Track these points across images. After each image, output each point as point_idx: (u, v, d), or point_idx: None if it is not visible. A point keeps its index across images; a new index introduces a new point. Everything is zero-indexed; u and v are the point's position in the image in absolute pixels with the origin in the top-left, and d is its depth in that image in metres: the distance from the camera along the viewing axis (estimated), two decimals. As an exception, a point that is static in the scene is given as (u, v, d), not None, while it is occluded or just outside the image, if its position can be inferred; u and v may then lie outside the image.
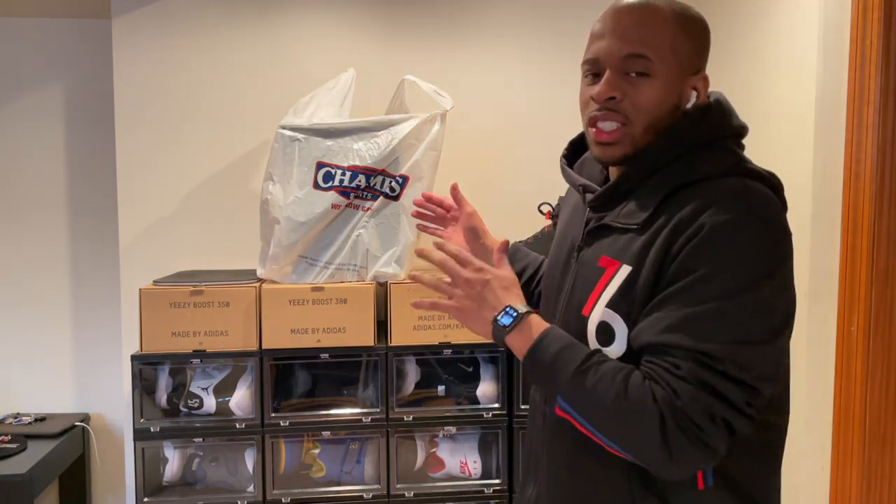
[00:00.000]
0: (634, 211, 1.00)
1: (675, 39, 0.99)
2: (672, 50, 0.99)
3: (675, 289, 0.91)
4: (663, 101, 1.00)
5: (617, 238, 1.00)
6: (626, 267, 0.96)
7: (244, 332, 2.05)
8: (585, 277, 1.03)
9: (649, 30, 0.99)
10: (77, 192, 2.72)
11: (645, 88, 0.99)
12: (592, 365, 0.93)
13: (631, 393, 0.89)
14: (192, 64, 2.43)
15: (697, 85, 1.02)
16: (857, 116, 1.67)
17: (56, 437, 2.49)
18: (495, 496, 2.14)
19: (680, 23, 1.01)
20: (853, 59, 1.69)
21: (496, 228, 2.51)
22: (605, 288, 0.98)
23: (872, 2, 1.64)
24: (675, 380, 0.87)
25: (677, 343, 0.88)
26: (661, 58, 0.98)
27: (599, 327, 0.98)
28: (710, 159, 0.98)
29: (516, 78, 2.53)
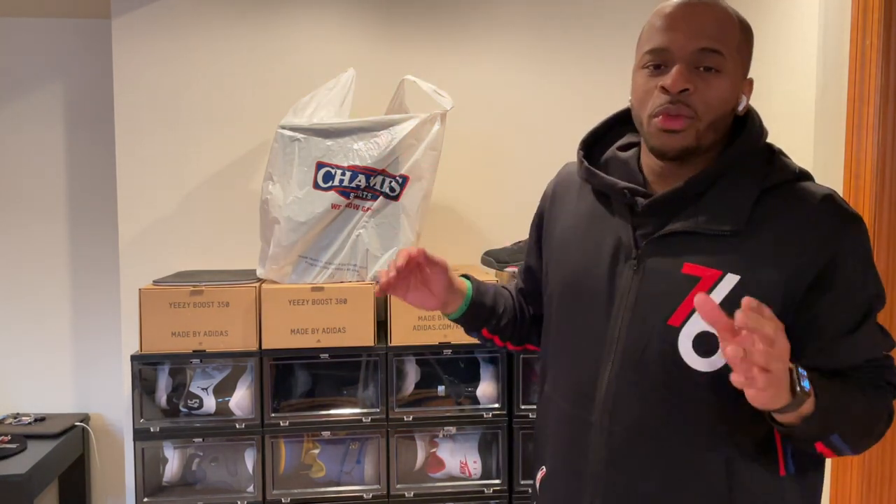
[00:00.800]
0: (722, 216, 0.98)
1: (739, 41, 1.00)
2: (738, 51, 1.00)
3: (866, 307, 0.99)
4: (729, 100, 0.99)
5: (703, 245, 0.98)
6: (733, 276, 0.95)
7: (244, 332, 2.05)
8: (663, 287, 0.99)
9: (722, 28, 0.98)
10: (77, 192, 2.72)
11: (715, 84, 0.97)
12: (862, 400, 0.97)
13: (875, 402, 0.99)
14: (192, 64, 2.43)
15: (746, 90, 1.04)
16: (857, 116, 1.67)
17: (56, 438, 2.49)
18: (495, 496, 2.14)
19: (743, 26, 1.02)
20: (853, 59, 1.69)
21: (496, 228, 2.53)
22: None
23: (872, 2, 1.64)
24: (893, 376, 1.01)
25: (884, 352, 1.01)
26: (731, 57, 0.98)
27: (700, 337, 0.96)
28: (781, 164, 1.02)
29: (516, 78, 2.53)
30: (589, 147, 1.19)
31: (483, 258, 2.23)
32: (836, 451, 0.96)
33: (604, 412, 1.02)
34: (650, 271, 1.01)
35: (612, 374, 1.02)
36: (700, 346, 0.96)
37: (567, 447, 1.09)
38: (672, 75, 0.97)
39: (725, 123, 1.01)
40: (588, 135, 1.20)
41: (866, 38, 1.65)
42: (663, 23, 1.00)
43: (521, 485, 2.13)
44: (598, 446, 1.03)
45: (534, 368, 2.20)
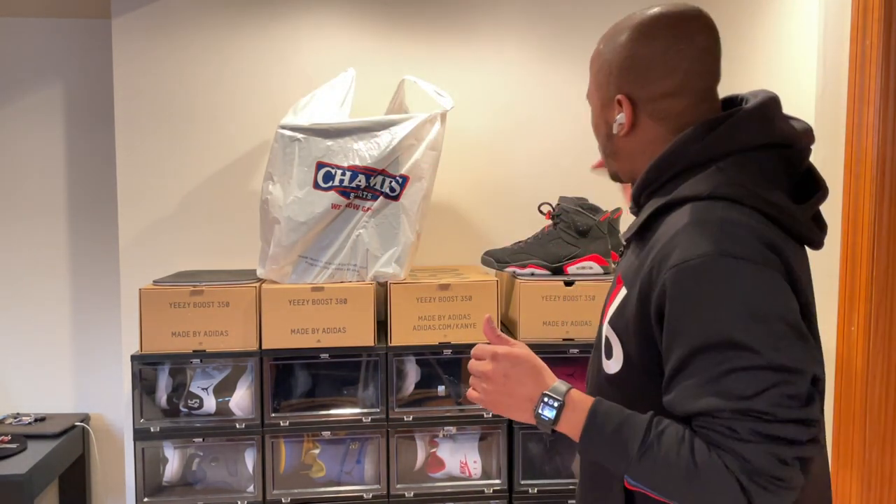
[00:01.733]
0: (630, 227, 1.06)
1: (597, 71, 1.08)
2: (595, 84, 1.09)
3: (682, 354, 0.89)
4: (597, 130, 1.11)
5: (628, 255, 1.06)
6: (623, 290, 1.01)
7: (244, 332, 2.05)
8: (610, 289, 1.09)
9: (590, 67, 1.11)
10: (77, 192, 2.72)
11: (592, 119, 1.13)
12: (652, 442, 0.89)
13: (702, 467, 0.87)
14: (192, 64, 2.43)
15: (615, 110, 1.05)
16: (857, 116, 1.67)
17: (56, 438, 2.49)
18: (495, 496, 2.14)
19: (600, 48, 1.08)
20: (853, 59, 1.69)
21: (496, 228, 2.53)
22: (612, 305, 1.04)
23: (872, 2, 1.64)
24: (738, 444, 0.85)
25: (718, 406, 0.86)
26: (590, 93, 1.11)
27: (605, 341, 1.04)
28: (696, 180, 0.96)
29: (516, 78, 2.53)
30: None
31: (483, 258, 2.23)
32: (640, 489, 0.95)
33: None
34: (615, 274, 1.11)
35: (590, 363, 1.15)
36: (606, 349, 1.04)
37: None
38: None
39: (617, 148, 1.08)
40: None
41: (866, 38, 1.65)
42: None
43: (521, 485, 2.13)
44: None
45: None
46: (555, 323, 2.10)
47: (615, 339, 1.00)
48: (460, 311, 2.09)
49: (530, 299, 2.11)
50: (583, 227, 2.13)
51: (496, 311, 2.11)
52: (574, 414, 0.95)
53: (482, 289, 2.10)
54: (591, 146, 2.50)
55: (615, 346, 1.00)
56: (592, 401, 0.96)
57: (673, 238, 0.92)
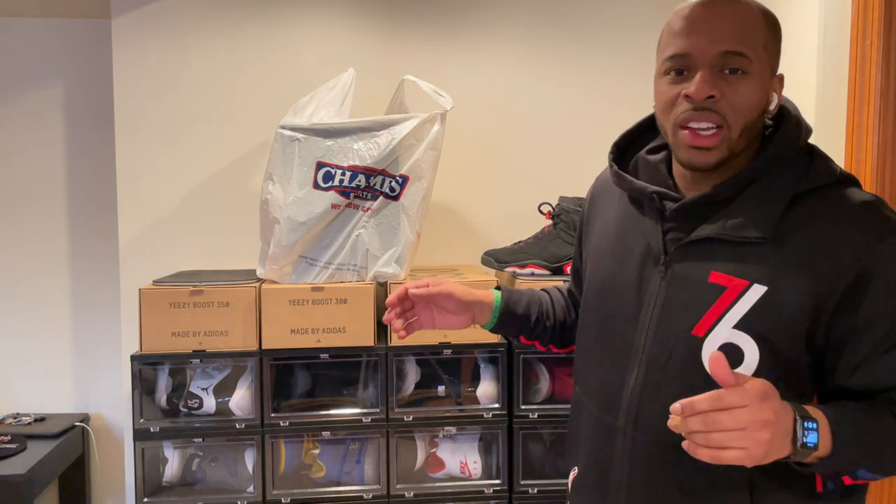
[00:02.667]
0: (750, 222, 0.95)
1: (766, 38, 0.96)
2: (765, 49, 0.96)
3: (890, 330, 0.92)
4: (759, 102, 0.96)
5: (731, 252, 0.95)
6: (759, 286, 0.93)
7: (244, 332, 2.05)
8: (689, 295, 0.98)
9: (745, 27, 0.94)
10: (77, 192, 2.72)
11: (742, 88, 0.93)
12: (886, 430, 0.91)
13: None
14: (192, 64, 2.43)
15: (776, 87, 1.00)
16: (857, 116, 1.67)
17: (56, 438, 2.49)
18: (495, 496, 2.14)
19: (768, 21, 0.98)
20: (853, 59, 1.69)
21: (496, 228, 2.53)
22: (728, 308, 0.94)
23: (872, 2, 1.64)
24: None
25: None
26: (757, 56, 0.94)
27: (723, 349, 0.93)
28: (819, 166, 0.97)
29: (516, 78, 2.53)
30: (621, 150, 1.14)
31: (483, 258, 2.23)
32: (864, 480, 0.94)
33: (628, 419, 1.02)
34: (677, 278, 0.99)
35: (637, 381, 1.01)
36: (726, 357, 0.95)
37: (596, 451, 1.08)
38: (696, 82, 0.93)
39: (757, 126, 0.98)
40: (620, 138, 1.15)
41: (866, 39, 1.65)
42: (682, 26, 0.96)
43: (521, 485, 2.13)
44: (623, 453, 1.03)
45: (533, 369, 2.20)
46: (555, 323, 2.10)
47: (749, 342, 0.93)
48: (460, 311, 2.09)
49: (530, 299, 2.10)
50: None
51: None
52: (822, 426, 0.87)
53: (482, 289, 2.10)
54: (591, 146, 2.51)
55: (748, 351, 0.93)
56: (815, 408, 0.89)
57: (852, 222, 0.92)
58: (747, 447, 0.80)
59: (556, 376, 2.18)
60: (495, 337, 2.10)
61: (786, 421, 0.84)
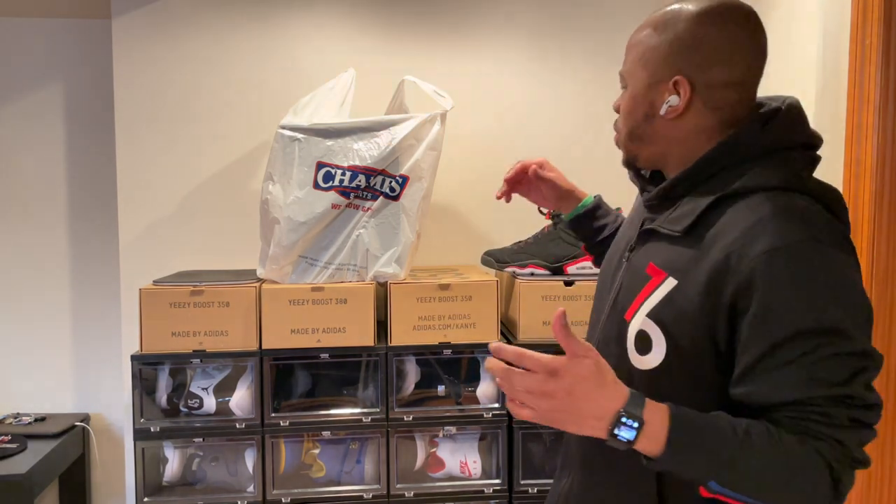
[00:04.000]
0: (679, 217, 1.01)
1: (645, 48, 1.05)
2: (640, 60, 1.06)
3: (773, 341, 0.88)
4: (631, 112, 1.08)
5: (665, 246, 1.01)
6: (672, 280, 0.97)
7: (244, 332, 2.05)
8: (632, 281, 1.05)
9: (630, 47, 1.09)
10: (77, 192, 2.72)
11: (623, 100, 1.10)
12: (741, 445, 0.87)
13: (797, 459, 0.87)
14: (192, 64, 2.43)
15: (674, 90, 1.01)
16: (857, 116, 1.67)
17: (56, 438, 2.49)
18: (495, 496, 2.14)
19: (654, 27, 1.04)
20: (853, 59, 1.69)
21: (496, 228, 2.53)
22: (648, 296, 1.00)
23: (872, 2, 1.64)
24: (837, 430, 0.88)
25: (813, 394, 0.87)
26: (629, 71, 1.08)
27: (638, 335, 0.99)
28: (762, 171, 0.97)
29: (516, 78, 2.53)
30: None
31: (483, 258, 2.23)
32: (725, 497, 0.90)
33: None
34: (631, 265, 1.07)
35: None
36: (637, 344, 1.00)
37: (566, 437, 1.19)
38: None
39: (650, 132, 1.06)
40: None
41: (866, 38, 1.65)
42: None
43: (521, 485, 2.13)
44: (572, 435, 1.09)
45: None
46: (555, 323, 2.10)
47: (657, 331, 0.97)
48: (460, 311, 2.09)
49: (530, 299, 2.11)
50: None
51: (496, 311, 2.11)
52: (653, 426, 0.88)
53: (482, 289, 2.10)
54: (590, 146, 2.51)
55: (655, 339, 0.97)
56: (667, 408, 0.90)
57: (754, 226, 0.91)
58: (534, 409, 0.89)
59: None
60: (495, 337, 2.10)
61: (604, 406, 0.88)
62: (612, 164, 2.51)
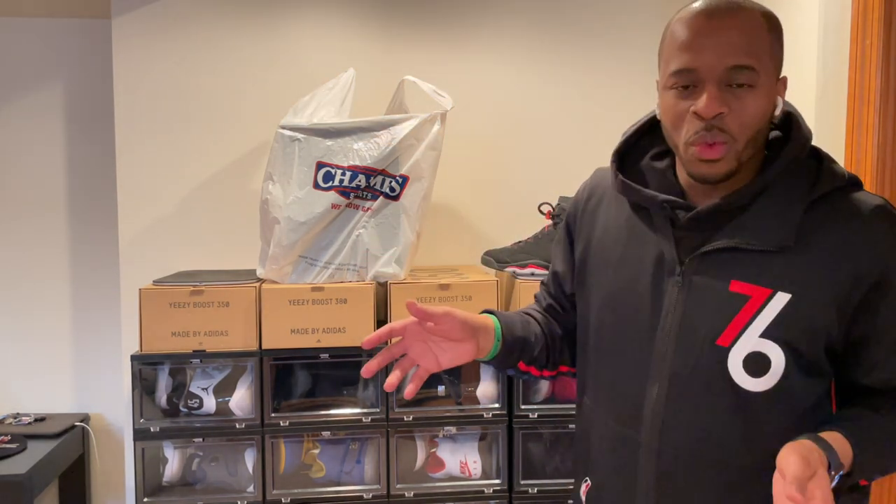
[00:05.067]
0: (768, 230, 0.95)
1: (770, 45, 0.95)
2: (770, 56, 0.95)
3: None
4: (766, 113, 0.96)
5: (751, 261, 0.95)
6: (784, 294, 0.93)
7: (244, 332, 2.05)
8: (711, 305, 0.97)
9: (751, 38, 0.93)
10: (77, 192, 2.72)
11: (750, 102, 0.93)
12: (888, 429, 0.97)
13: None
14: (192, 64, 2.43)
15: (780, 90, 0.99)
16: (857, 116, 1.67)
17: (56, 437, 2.49)
18: (495, 496, 2.14)
19: (772, 26, 0.96)
20: (853, 59, 1.69)
21: (495, 228, 2.53)
22: (754, 316, 0.94)
23: (872, 2, 1.64)
24: None
25: None
26: (764, 67, 0.94)
27: (750, 358, 0.94)
28: (829, 170, 0.99)
29: (516, 78, 2.53)
30: (621, 157, 1.11)
31: (483, 258, 2.23)
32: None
33: (653, 432, 1.00)
34: (696, 289, 0.98)
35: (661, 394, 1.00)
36: (750, 367, 0.95)
37: (616, 465, 1.06)
38: (704, 101, 0.92)
39: (764, 134, 0.98)
40: (621, 144, 1.12)
41: (866, 38, 1.65)
42: (687, 38, 0.94)
43: (521, 485, 2.13)
44: (648, 466, 1.01)
45: (534, 368, 2.19)
46: (555, 323, 2.10)
47: (776, 351, 0.94)
48: (460, 311, 2.09)
49: (530, 299, 2.10)
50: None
51: (496, 311, 2.11)
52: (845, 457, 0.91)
53: (482, 289, 2.10)
54: (590, 146, 2.50)
55: (774, 360, 0.94)
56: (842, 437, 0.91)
57: (868, 224, 0.95)
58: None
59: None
60: (495, 337, 2.10)
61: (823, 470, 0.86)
62: (612, 164, 2.51)
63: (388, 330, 1.08)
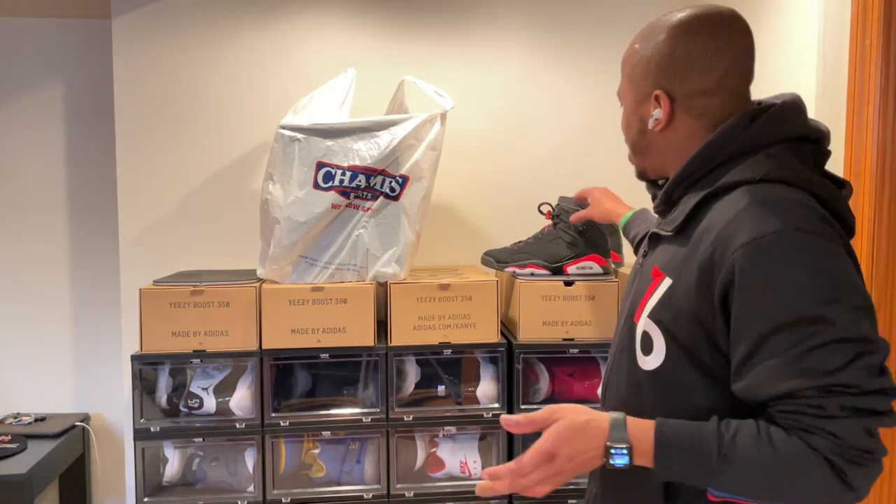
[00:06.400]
0: (673, 218, 1.05)
1: (631, 68, 1.11)
2: (629, 81, 1.12)
3: (758, 334, 0.89)
4: (628, 127, 1.15)
5: (665, 248, 1.06)
6: (668, 280, 1.01)
7: (244, 332, 2.05)
8: (641, 285, 1.09)
9: (622, 65, 1.16)
10: (77, 192, 2.72)
11: (623, 117, 1.17)
12: (729, 446, 0.89)
13: (786, 455, 0.87)
14: (192, 64, 2.43)
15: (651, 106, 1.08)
16: (857, 116, 1.67)
17: (56, 437, 2.49)
18: (495, 496, 2.13)
19: (637, 45, 1.10)
20: (853, 59, 1.69)
21: (495, 228, 2.53)
22: (650, 297, 1.03)
23: (872, 2, 1.64)
24: (828, 422, 0.86)
25: (803, 386, 0.87)
26: (623, 91, 1.16)
27: (643, 336, 1.03)
28: (745, 166, 0.98)
29: (516, 78, 2.53)
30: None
31: (483, 258, 2.23)
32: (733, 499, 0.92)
33: (603, 394, 1.17)
34: (643, 271, 1.11)
35: (610, 363, 1.16)
36: (643, 345, 1.03)
37: None
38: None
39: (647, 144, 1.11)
40: None
41: (866, 38, 1.65)
42: None
43: (521, 485, 2.13)
44: None
45: (533, 368, 2.20)
46: (555, 323, 2.10)
47: (657, 332, 1.00)
48: (460, 311, 2.09)
49: (530, 299, 2.11)
50: (582, 227, 2.13)
51: (496, 312, 2.11)
52: (642, 446, 0.93)
53: (482, 289, 2.10)
54: (590, 146, 2.51)
55: (656, 341, 1.00)
56: (653, 426, 0.94)
57: (734, 219, 0.93)
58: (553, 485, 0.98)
59: (555, 376, 2.18)
60: (495, 337, 2.10)
61: (594, 446, 0.95)
62: (612, 163, 2.52)
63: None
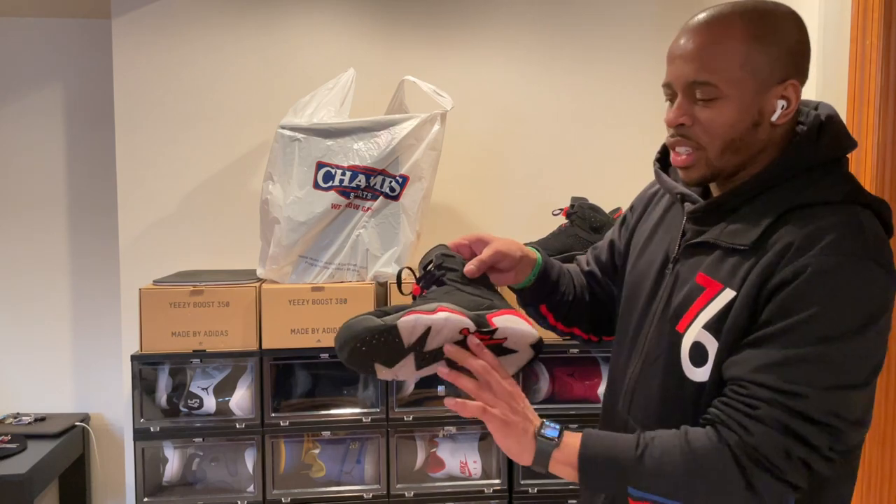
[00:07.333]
0: (742, 230, 0.97)
1: (747, 56, 0.95)
2: (743, 68, 0.95)
3: (776, 328, 0.89)
4: (737, 122, 0.97)
5: (720, 257, 0.98)
6: (730, 291, 0.95)
7: (244, 332, 2.05)
8: (682, 292, 1.01)
9: (716, 53, 0.96)
10: (77, 192, 2.72)
11: (714, 113, 0.97)
12: (646, 445, 0.94)
13: (697, 448, 0.91)
14: (192, 64, 2.43)
15: (786, 94, 0.97)
16: (857, 116, 1.67)
17: (56, 437, 2.49)
18: (495, 496, 2.14)
19: (754, 34, 0.96)
20: (853, 59, 1.69)
21: (495, 228, 2.53)
22: (703, 308, 0.98)
23: (872, 2, 1.64)
24: (747, 419, 0.89)
25: (763, 382, 0.88)
26: (730, 80, 0.96)
27: (694, 346, 0.98)
28: (826, 183, 0.96)
29: (516, 78, 2.53)
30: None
31: (483, 258, 2.22)
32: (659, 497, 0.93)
33: (624, 405, 1.10)
34: (679, 278, 1.04)
35: (634, 373, 1.09)
36: (693, 355, 0.98)
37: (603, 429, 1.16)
38: (669, 111, 1.01)
39: (752, 141, 0.98)
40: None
41: (866, 38, 1.65)
42: (668, 54, 1.02)
43: (521, 485, 2.13)
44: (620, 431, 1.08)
45: (533, 368, 2.20)
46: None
47: (714, 343, 0.96)
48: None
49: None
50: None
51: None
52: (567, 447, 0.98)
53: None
54: (590, 146, 2.51)
55: (711, 353, 0.96)
56: (580, 434, 0.98)
57: (812, 234, 0.90)
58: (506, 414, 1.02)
59: (555, 376, 2.18)
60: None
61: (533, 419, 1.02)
62: (612, 163, 2.52)
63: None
